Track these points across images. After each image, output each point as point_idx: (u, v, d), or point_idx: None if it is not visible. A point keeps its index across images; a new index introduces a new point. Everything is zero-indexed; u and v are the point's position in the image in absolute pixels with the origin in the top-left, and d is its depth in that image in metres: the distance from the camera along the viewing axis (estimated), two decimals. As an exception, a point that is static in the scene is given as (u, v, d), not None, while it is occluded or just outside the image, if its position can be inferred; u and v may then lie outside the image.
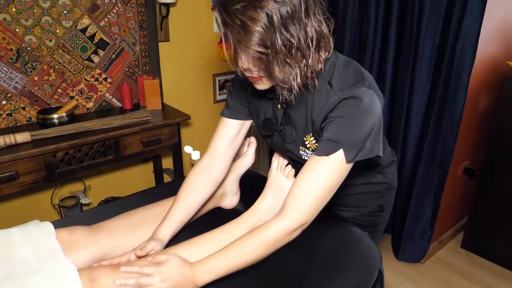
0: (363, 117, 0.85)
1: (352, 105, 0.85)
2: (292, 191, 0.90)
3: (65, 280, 0.78)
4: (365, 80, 0.88)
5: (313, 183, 0.87)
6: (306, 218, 0.89)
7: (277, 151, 1.14)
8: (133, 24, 2.11)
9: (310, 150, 0.99)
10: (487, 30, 1.84)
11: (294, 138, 1.00)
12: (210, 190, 1.10)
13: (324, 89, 0.89)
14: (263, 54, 0.77)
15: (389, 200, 1.23)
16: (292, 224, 0.87)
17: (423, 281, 2.09)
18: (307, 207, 0.88)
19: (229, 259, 0.86)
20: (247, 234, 0.89)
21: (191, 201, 1.06)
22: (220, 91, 2.68)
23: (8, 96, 1.83)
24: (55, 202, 2.12)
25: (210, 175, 1.09)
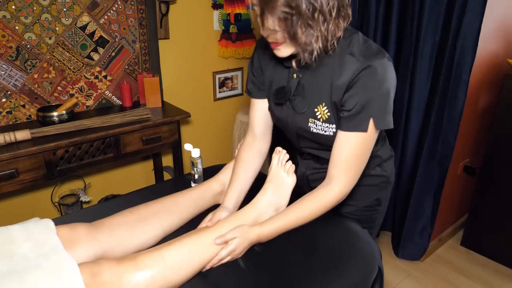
0: (385, 87, 0.93)
1: (374, 75, 0.91)
2: (333, 164, 1.01)
3: (66, 274, 0.78)
4: (385, 53, 0.94)
5: (350, 157, 0.98)
6: (350, 186, 1.02)
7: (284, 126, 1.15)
8: (133, 22, 2.11)
9: (321, 120, 1.02)
10: (488, 28, 1.84)
11: (305, 109, 1.04)
12: (260, 161, 1.21)
13: (346, 58, 0.95)
14: (288, 15, 0.83)
15: (386, 195, 1.25)
16: (339, 193, 1.01)
17: (423, 278, 2.09)
18: (350, 177, 1.01)
19: (286, 224, 1.02)
20: (301, 202, 1.03)
21: (246, 172, 1.17)
22: (220, 89, 2.68)
23: (8, 94, 1.83)
24: (55, 200, 2.12)
25: (256, 149, 1.20)
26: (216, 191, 1.21)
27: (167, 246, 0.91)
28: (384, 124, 0.96)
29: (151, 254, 0.88)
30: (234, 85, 2.76)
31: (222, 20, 2.48)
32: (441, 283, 2.06)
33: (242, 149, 1.21)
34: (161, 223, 1.07)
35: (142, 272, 0.84)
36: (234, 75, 2.73)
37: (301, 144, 1.17)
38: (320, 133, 1.04)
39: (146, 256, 0.87)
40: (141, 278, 0.83)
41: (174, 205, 1.12)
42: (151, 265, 0.85)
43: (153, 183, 2.42)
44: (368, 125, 0.94)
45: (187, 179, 1.42)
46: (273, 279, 0.94)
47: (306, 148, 1.18)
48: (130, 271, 0.83)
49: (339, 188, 1.00)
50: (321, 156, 1.17)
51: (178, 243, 0.93)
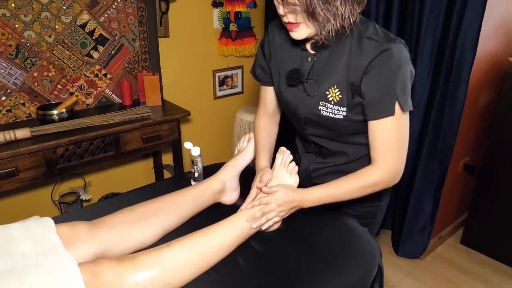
0: (404, 69, 0.93)
1: (394, 57, 0.92)
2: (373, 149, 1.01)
3: (66, 274, 0.78)
4: (401, 40, 0.96)
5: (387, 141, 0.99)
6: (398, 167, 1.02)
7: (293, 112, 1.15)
8: (132, 20, 2.10)
9: (332, 103, 1.03)
10: (488, 27, 1.83)
11: (317, 91, 1.05)
12: (276, 128, 1.29)
13: (364, 41, 0.96)
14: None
15: (386, 191, 1.24)
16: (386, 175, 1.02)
17: (423, 277, 2.09)
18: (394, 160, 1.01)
19: (332, 194, 1.05)
20: (346, 178, 1.05)
21: (269, 137, 1.25)
22: (220, 87, 2.68)
23: (8, 92, 1.83)
24: (55, 198, 2.12)
25: (271, 118, 1.28)
26: (216, 189, 1.21)
27: (166, 248, 0.91)
28: (408, 105, 0.96)
29: (150, 255, 0.88)
30: (234, 84, 2.76)
31: (222, 18, 2.48)
32: (441, 281, 2.06)
33: (258, 119, 1.27)
34: (161, 221, 1.06)
35: (142, 272, 0.84)
36: (234, 74, 2.73)
37: (308, 130, 1.16)
38: (330, 116, 1.04)
39: (146, 257, 0.87)
40: (141, 279, 0.83)
41: (174, 204, 1.12)
42: (150, 266, 0.85)
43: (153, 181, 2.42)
44: (394, 107, 0.95)
45: (187, 178, 1.42)
46: (273, 277, 0.95)
47: (312, 136, 1.17)
48: (130, 272, 0.83)
49: (384, 169, 1.01)
50: (325, 147, 1.16)
51: (177, 245, 0.92)
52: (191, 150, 1.34)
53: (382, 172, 1.01)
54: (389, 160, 1.00)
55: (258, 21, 2.68)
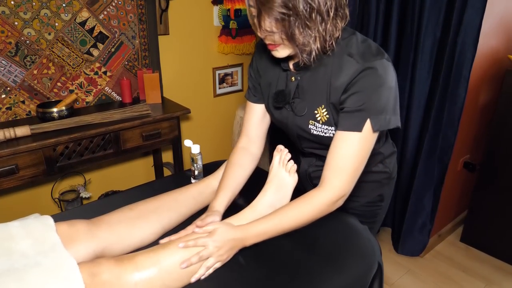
0: (385, 87, 0.90)
1: (374, 75, 0.90)
2: (327, 166, 0.97)
3: (65, 273, 0.78)
4: (384, 54, 0.93)
5: (346, 158, 0.94)
6: (345, 190, 0.97)
7: (284, 127, 1.15)
8: (132, 17, 2.10)
9: (320, 122, 1.02)
10: (489, 24, 1.83)
11: (305, 111, 1.03)
12: (252, 164, 1.19)
13: (345, 59, 0.93)
14: (285, 16, 0.82)
15: (388, 191, 1.24)
16: (333, 197, 0.96)
17: (423, 274, 2.10)
18: (345, 180, 0.96)
19: (275, 225, 0.96)
20: (291, 205, 0.98)
21: (239, 175, 1.14)
22: (220, 85, 2.68)
23: (8, 90, 1.83)
24: (55, 196, 2.12)
25: (250, 152, 1.18)
26: (216, 187, 1.21)
27: (162, 249, 0.90)
28: (383, 125, 0.92)
29: (148, 255, 0.88)
30: (234, 81, 2.75)
31: (222, 16, 2.47)
32: (440, 279, 2.06)
33: (235, 152, 1.18)
34: (161, 220, 1.06)
35: (140, 273, 0.84)
36: (234, 71, 2.72)
37: (303, 144, 1.16)
38: (321, 134, 1.03)
39: (144, 257, 0.87)
40: (139, 279, 0.83)
41: (174, 202, 1.12)
42: (148, 266, 0.85)
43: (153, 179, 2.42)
44: (363, 125, 0.91)
45: (187, 175, 1.42)
46: (273, 275, 0.95)
47: (307, 148, 1.17)
48: (128, 272, 0.83)
49: (333, 191, 0.95)
50: (323, 155, 1.16)
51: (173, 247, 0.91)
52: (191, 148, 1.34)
53: (330, 196, 0.95)
54: (341, 181, 0.95)
55: (258, 19, 2.68)
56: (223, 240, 0.92)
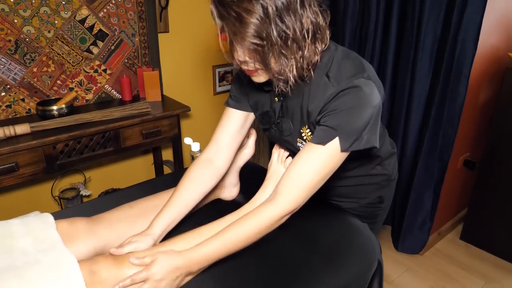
0: (361, 107, 0.85)
1: (349, 95, 0.85)
2: (286, 176, 0.91)
3: (65, 271, 0.79)
4: (364, 71, 0.87)
5: (307, 171, 0.89)
6: (297, 205, 0.90)
7: (276, 143, 1.14)
8: (132, 15, 2.10)
9: (307, 141, 0.99)
10: (489, 22, 1.82)
11: (291, 130, 1.00)
12: (213, 181, 1.09)
13: (322, 81, 0.89)
14: (259, 46, 0.77)
15: (388, 192, 1.23)
16: (283, 211, 0.89)
17: (422, 272, 2.10)
18: (300, 194, 0.89)
19: (221, 247, 0.87)
20: (238, 221, 0.89)
21: (193, 192, 1.04)
22: (220, 82, 2.67)
23: (7, 88, 1.82)
24: (55, 193, 2.12)
25: (214, 165, 1.08)
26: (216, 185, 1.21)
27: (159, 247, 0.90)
28: (356, 145, 0.87)
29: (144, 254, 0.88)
30: (234, 79, 2.75)
31: (222, 14, 2.46)
32: (440, 276, 2.07)
33: (198, 164, 1.07)
34: (161, 217, 1.06)
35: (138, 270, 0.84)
36: (234, 69, 2.72)
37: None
38: None
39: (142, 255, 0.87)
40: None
41: (174, 199, 1.11)
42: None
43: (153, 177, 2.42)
44: (329, 141, 0.86)
45: (187, 173, 1.42)
46: (273, 272, 0.95)
47: None
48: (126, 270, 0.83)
49: (283, 205, 0.89)
50: None
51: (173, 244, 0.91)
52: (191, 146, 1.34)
53: (280, 210, 0.88)
54: (294, 194, 0.89)
55: (258, 16, 2.67)
56: (163, 271, 0.82)
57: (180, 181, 1.05)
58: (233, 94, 1.11)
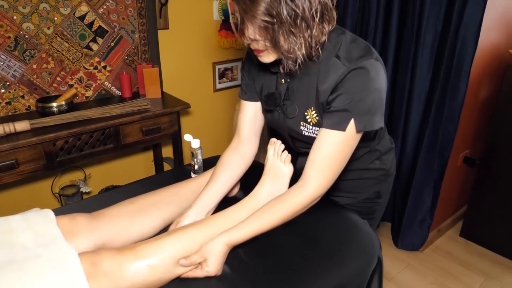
0: (372, 87, 0.89)
1: (361, 76, 0.88)
2: (310, 164, 0.96)
3: (66, 264, 0.79)
4: (373, 53, 0.91)
5: (330, 157, 0.94)
6: (324, 189, 0.97)
7: (276, 128, 1.15)
8: (132, 12, 2.09)
9: (311, 124, 1.01)
10: (490, 18, 1.82)
11: (295, 113, 1.03)
12: (242, 166, 1.16)
13: (332, 61, 0.92)
14: (269, 24, 0.80)
15: (386, 187, 1.24)
16: (312, 196, 0.95)
17: (422, 269, 2.10)
18: (325, 179, 0.95)
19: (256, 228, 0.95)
20: (271, 204, 0.97)
21: (228, 175, 1.13)
22: (220, 79, 2.67)
23: (7, 85, 1.82)
24: (55, 190, 2.12)
25: (241, 152, 1.16)
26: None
27: (165, 237, 0.91)
28: (367, 126, 0.92)
29: (150, 244, 0.89)
30: (234, 76, 2.75)
31: (222, 10, 2.46)
32: (440, 273, 2.07)
33: (227, 152, 1.16)
34: (161, 213, 1.07)
35: (141, 261, 0.84)
36: (234, 66, 2.71)
37: (296, 145, 1.16)
38: (312, 136, 1.03)
39: (145, 246, 0.88)
40: (140, 268, 0.83)
41: (174, 196, 1.12)
42: (150, 255, 0.86)
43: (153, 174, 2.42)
44: (347, 125, 0.91)
45: (187, 170, 1.42)
46: (273, 269, 0.95)
47: (301, 148, 1.17)
48: (129, 261, 0.83)
49: (313, 189, 0.95)
50: None
51: (176, 235, 0.93)
52: (191, 143, 1.34)
53: (310, 194, 0.95)
54: (322, 179, 0.95)
55: (258, 13, 2.66)
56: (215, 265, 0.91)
57: (216, 167, 1.14)
58: (242, 85, 1.17)
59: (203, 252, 0.91)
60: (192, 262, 0.90)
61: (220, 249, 0.91)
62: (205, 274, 0.91)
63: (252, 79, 1.13)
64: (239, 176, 1.16)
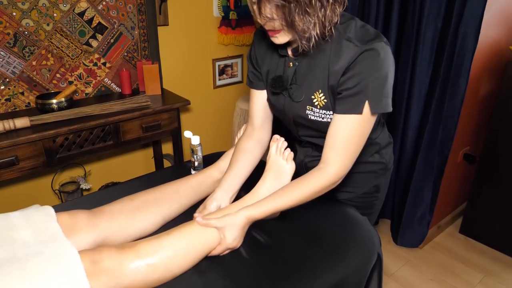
0: (383, 70, 0.91)
1: (373, 57, 0.90)
2: (328, 148, 0.99)
3: (66, 262, 0.79)
4: (383, 37, 0.93)
5: (346, 140, 0.97)
6: (344, 171, 1.00)
7: (281, 114, 1.15)
8: (131, 8, 2.08)
9: (318, 107, 1.02)
10: (490, 15, 1.81)
11: (302, 97, 1.04)
12: (260, 151, 1.19)
13: (343, 43, 0.94)
14: (286, 2, 0.83)
15: (384, 181, 1.25)
16: (333, 177, 0.99)
17: (421, 265, 2.11)
18: (344, 161, 0.98)
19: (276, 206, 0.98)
20: (292, 184, 1.00)
21: (246, 161, 1.16)
22: (220, 76, 2.67)
23: (7, 81, 1.82)
24: (55, 187, 2.12)
25: (256, 139, 1.19)
26: (216, 178, 1.21)
27: (166, 236, 0.91)
28: (381, 107, 0.94)
29: (150, 243, 0.89)
30: (234, 73, 2.74)
31: (222, 7, 2.45)
32: (439, 270, 2.08)
33: (242, 138, 1.20)
34: (161, 210, 1.07)
35: (142, 260, 0.84)
36: (234, 62, 2.71)
37: (300, 132, 1.16)
38: (318, 120, 1.04)
39: (146, 245, 0.88)
40: (141, 266, 0.83)
41: (174, 193, 1.12)
42: (150, 253, 0.86)
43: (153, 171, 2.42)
44: (363, 107, 0.93)
45: (187, 167, 1.42)
46: (273, 265, 0.95)
47: (304, 136, 1.17)
48: (130, 259, 0.84)
49: (334, 171, 0.98)
50: (320, 144, 1.16)
51: (177, 233, 0.92)
52: (191, 139, 1.34)
53: (331, 176, 0.99)
54: (342, 162, 0.98)
55: (258, 10, 2.65)
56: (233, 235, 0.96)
57: (234, 154, 1.18)
58: (248, 73, 1.20)
59: (221, 222, 0.95)
60: (208, 223, 0.95)
61: (240, 221, 0.96)
62: (224, 247, 0.95)
63: (259, 65, 1.14)
64: (257, 160, 1.19)
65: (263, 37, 1.11)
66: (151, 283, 0.85)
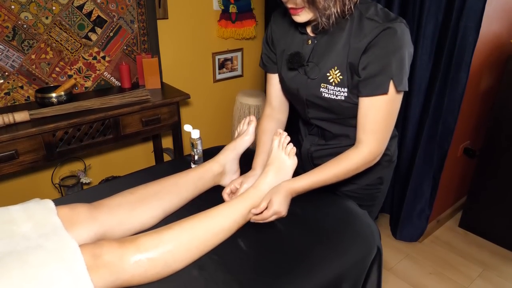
0: (403, 48, 0.94)
1: (393, 35, 0.93)
2: (360, 129, 1.03)
3: (67, 255, 0.79)
4: (403, 19, 0.96)
5: (377, 120, 1.00)
6: (379, 149, 1.04)
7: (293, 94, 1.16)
8: (130, 1, 2.07)
9: (333, 84, 1.04)
10: (491, 8, 1.80)
11: (318, 74, 1.06)
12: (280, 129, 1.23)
13: (364, 22, 0.97)
14: None
15: (388, 174, 1.25)
16: (368, 156, 1.04)
17: (421, 259, 2.12)
18: (377, 141, 1.03)
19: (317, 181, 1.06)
20: (331, 161, 1.06)
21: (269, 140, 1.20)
22: (219, 70, 2.66)
23: (6, 75, 1.81)
24: (55, 181, 2.12)
25: (275, 119, 1.27)
26: (216, 172, 1.21)
27: (167, 230, 0.91)
28: (404, 85, 0.96)
29: (151, 237, 0.88)
30: (234, 66, 2.73)
31: (221, 0, 2.44)
32: (438, 263, 2.08)
33: (263, 120, 1.27)
34: (161, 203, 1.07)
35: (143, 254, 0.84)
36: (234, 56, 2.70)
37: (310, 114, 1.17)
38: (332, 97, 1.05)
39: (147, 239, 0.88)
40: (141, 260, 0.84)
41: (174, 186, 1.12)
42: (151, 248, 0.86)
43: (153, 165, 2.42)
44: (388, 86, 0.95)
45: (187, 160, 1.42)
46: (272, 259, 0.95)
47: (314, 119, 1.18)
48: (130, 253, 0.84)
49: (368, 151, 1.02)
50: (327, 129, 1.18)
51: (178, 227, 0.92)
52: (191, 133, 1.33)
53: (366, 154, 1.03)
54: (375, 141, 1.02)
55: (258, 3, 2.65)
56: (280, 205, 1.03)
57: (258, 135, 1.25)
58: (262, 56, 1.25)
59: (268, 195, 1.03)
60: (261, 208, 1.02)
61: (284, 191, 1.03)
62: (272, 212, 1.02)
63: (274, 46, 1.18)
64: None
65: (281, 16, 1.15)
66: (152, 277, 0.86)
